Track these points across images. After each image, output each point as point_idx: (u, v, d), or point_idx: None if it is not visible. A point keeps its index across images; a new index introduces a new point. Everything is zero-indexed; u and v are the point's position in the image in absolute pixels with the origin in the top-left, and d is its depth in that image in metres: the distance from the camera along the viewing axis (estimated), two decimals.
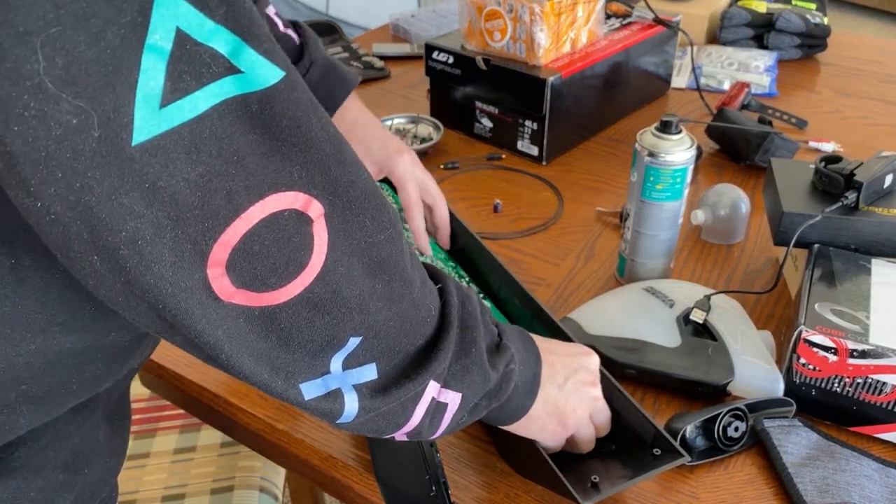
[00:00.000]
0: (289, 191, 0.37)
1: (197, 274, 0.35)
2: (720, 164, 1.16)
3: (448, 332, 0.49)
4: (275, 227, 0.37)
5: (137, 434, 1.05)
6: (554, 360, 0.61)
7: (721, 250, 0.97)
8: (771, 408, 0.71)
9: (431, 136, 1.22)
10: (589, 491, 0.60)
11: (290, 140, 0.36)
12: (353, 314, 0.42)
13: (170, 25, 0.32)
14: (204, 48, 0.33)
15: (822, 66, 1.51)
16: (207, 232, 0.35)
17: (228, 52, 0.34)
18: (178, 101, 0.32)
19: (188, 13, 0.32)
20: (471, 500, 0.65)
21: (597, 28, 1.20)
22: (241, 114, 0.34)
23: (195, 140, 0.33)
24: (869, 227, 0.80)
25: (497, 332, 0.57)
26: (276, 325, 0.40)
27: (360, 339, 0.44)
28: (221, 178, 0.34)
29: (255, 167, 0.35)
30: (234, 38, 0.34)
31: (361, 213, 0.41)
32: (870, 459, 0.68)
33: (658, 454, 0.64)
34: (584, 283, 0.91)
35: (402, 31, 1.63)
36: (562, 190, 1.10)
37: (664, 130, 0.82)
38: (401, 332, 0.46)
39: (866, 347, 0.67)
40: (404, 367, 0.48)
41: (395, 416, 0.48)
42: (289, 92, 0.36)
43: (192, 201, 0.34)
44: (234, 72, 0.34)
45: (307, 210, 0.38)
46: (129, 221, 0.33)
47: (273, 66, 0.35)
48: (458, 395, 0.51)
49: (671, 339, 0.77)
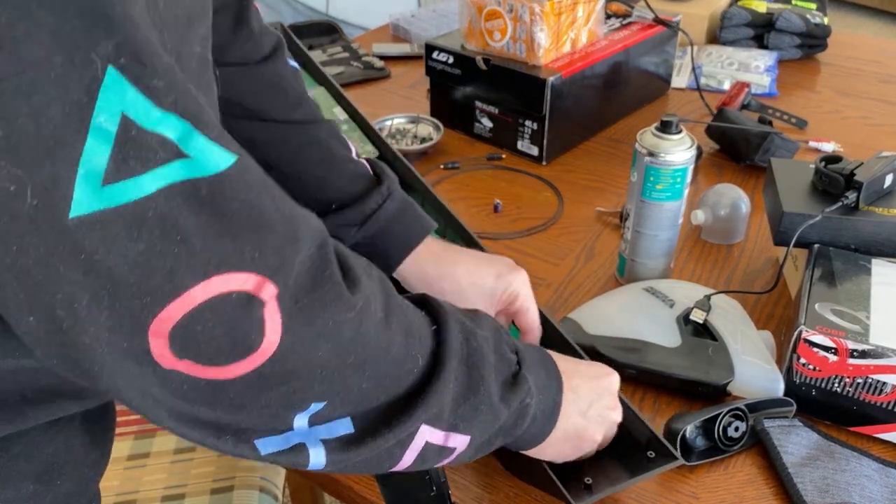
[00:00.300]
0: (238, 272, 0.36)
1: (136, 340, 0.35)
2: (720, 164, 1.16)
3: (439, 376, 0.47)
4: (220, 309, 0.35)
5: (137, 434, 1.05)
6: (578, 386, 0.59)
7: (721, 250, 0.97)
8: (771, 408, 0.71)
9: (431, 136, 1.22)
10: (582, 492, 0.60)
11: (242, 221, 0.36)
12: (314, 385, 0.41)
13: (115, 110, 0.31)
14: (151, 134, 0.33)
15: (822, 66, 1.51)
16: (146, 308, 0.34)
17: (177, 137, 0.33)
18: (121, 182, 0.32)
19: (135, 100, 0.32)
20: (471, 500, 0.66)
21: (597, 28, 1.20)
22: (188, 196, 0.34)
23: (137, 219, 0.33)
24: (869, 227, 0.80)
25: (517, 361, 0.54)
26: (225, 396, 0.38)
27: (323, 403, 0.42)
28: (162, 257, 0.34)
29: (202, 247, 0.34)
30: (184, 124, 0.34)
31: (322, 292, 0.39)
32: (870, 459, 0.68)
33: (652, 456, 0.64)
34: (584, 283, 0.91)
35: (402, 31, 1.63)
36: (562, 190, 1.10)
37: (664, 130, 0.82)
38: (377, 388, 0.44)
39: (866, 347, 0.67)
40: (384, 416, 0.45)
41: (379, 462, 0.46)
42: (240, 175, 0.36)
43: (130, 278, 0.33)
44: (182, 157, 0.34)
45: (259, 292, 0.36)
46: (65, 286, 0.33)
47: (224, 151, 0.35)
48: (466, 438, 0.50)
49: (671, 339, 0.77)
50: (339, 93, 1.17)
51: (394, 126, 1.24)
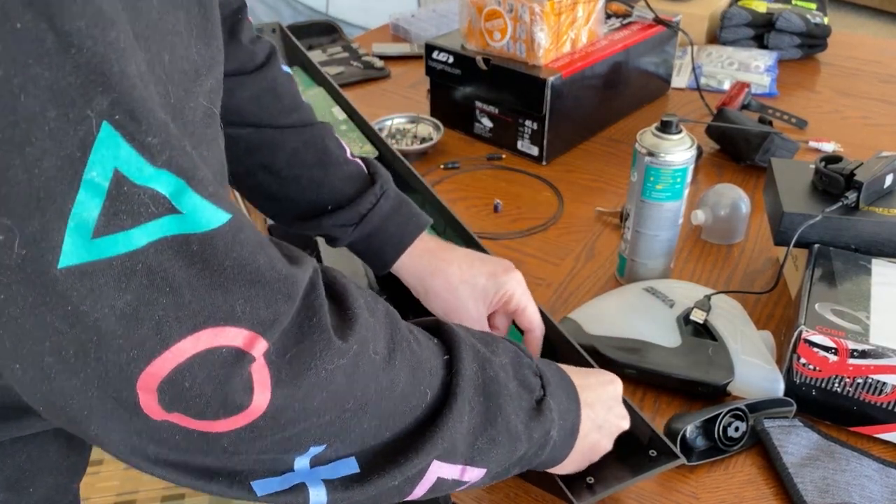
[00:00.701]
0: (229, 326, 0.35)
1: (125, 393, 0.34)
2: (720, 164, 1.15)
3: (452, 409, 0.45)
4: (209, 365, 0.35)
5: None
6: (593, 401, 0.58)
7: (721, 250, 0.97)
8: (771, 408, 0.71)
9: (431, 136, 1.22)
10: (584, 492, 0.60)
11: (234, 277, 0.35)
12: (311, 431, 0.40)
13: (108, 165, 0.31)
14: (143, 189, 0.33)
15: (822, 66, 1.51)
16: (133, 361, 0.34)
17: (170, 193, 0.33)
18: (111, 235, 0.32)
19: (128, 156, 0.32)
20: (471, 500, 0.65)
21: (597, 28, 1.20)
22: (179, 251, 0.34)
23: (126, 271, 0.33)
24: (869, 227, 0.80)
25: (541, 385, 0.53)
26: (219, 445, 0.38)
27: (324, 446, 0.41)
28: (151, 308, 0.33)
29: (191, 300, 0.34)
30: (177, 181, 0.34)
31: (311, 342, 0.39)
32: (870, 459, 0.68)
33: (654, 455, 0.64)
34: (584, 283, 0.91)
35: (402, 31, 1.63)
36: (562, 190, 1.10)
37: (664, 130, 0.82)
38: (381, 427, 0.43)
39: (866, 347, 0.67)
40: (391, 454, 0.44)
41: (387, 499, 0.45)
42: (234, 234, 0.35)
43: (117, 329, 0.33)
44: (174, 212, 0.33)
45: (250, 349, 0.36)
46: (53, 336, 0.33)
47: (217, 209, 0.35)
48: (482, 470, 0.48)
49: (671, 339, 0.77)
50: (338, 93, 1.17)
51: (394, 126, 1.24)
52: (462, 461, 0.47)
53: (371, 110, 1.22)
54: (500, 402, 0.48)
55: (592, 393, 0.59)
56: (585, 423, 0.57)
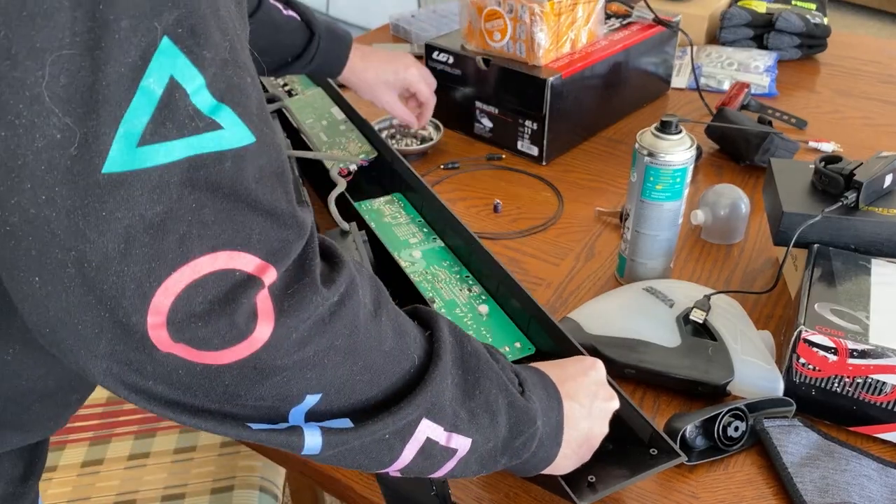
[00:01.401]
0: (244, 252, 0.37)
1: (135, 317, 0.35)
2: (720, 164, 1.16)
3: (437, 368, 0.48)
4: (221, 284, 0.37)
5: (137, 434, 1.05)
6: (575, 391, 0.59)
7: (721, 250, 0.97)
8: (771, 408, 0.71)
9: (431, 136, 1.22)
10: (585, 491, 0.60)
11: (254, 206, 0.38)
12: (307, 373, 0.41)
13: (164, 73, 0.34)
14: (190, 101, 0.35)
15: (822, 66, 1.51)
16: (153, 273, 0.35)
17: (210, 109, 0.36)
18: (155, 145, 0.34)
19: (184, 65, 0.35)
20: (471, 500, 0.66)
21: (597, 28, 1.20)
22: (213, 169, 0.36)
23: (161, 183, 0.34)
24: (869, 227, 0.80)
25: (518, 382, 0.54)
26: (220, 382, 0.39)
27: (319, 395, 0.43)
28: (177, 222, 0.35)
29: (214, 220, 0.36)
30: (219, 97, 0.36)
31: (312, 280, 0.41)
32: (870, 459, 0.68)
33: (655, 454, 0.64)
34: (584, 283, 0.91)
35: (402, 31, 1.63)
36: (562, 190, 1.10)
37: (664, 130, 0.82)
38: (372, 383, 0.45)
39: (866, 347, 0.67)
40: (383, 405, 0.46)
41: (378, 454, 0.46)
42: (259, 154, 0.38)
43: (144, 238, 0.34)
44: (214, 128, 0.36)
45: (261, 276, 0.38)
46: (81, 244, 0.34)
47: (247, 129, 0.37)
48: (468, 441, 0.50)
49: (671, 339, 0.77)
50: (337, 93, 1.17)
51: (394, 126, 1.24)
52: (448, 426, 0.48)
53: (371, 110, 1.22)
54: (478, 377, 0.50)
55: (573, 383, 0.59)
56: (572, 414, 0.57)
